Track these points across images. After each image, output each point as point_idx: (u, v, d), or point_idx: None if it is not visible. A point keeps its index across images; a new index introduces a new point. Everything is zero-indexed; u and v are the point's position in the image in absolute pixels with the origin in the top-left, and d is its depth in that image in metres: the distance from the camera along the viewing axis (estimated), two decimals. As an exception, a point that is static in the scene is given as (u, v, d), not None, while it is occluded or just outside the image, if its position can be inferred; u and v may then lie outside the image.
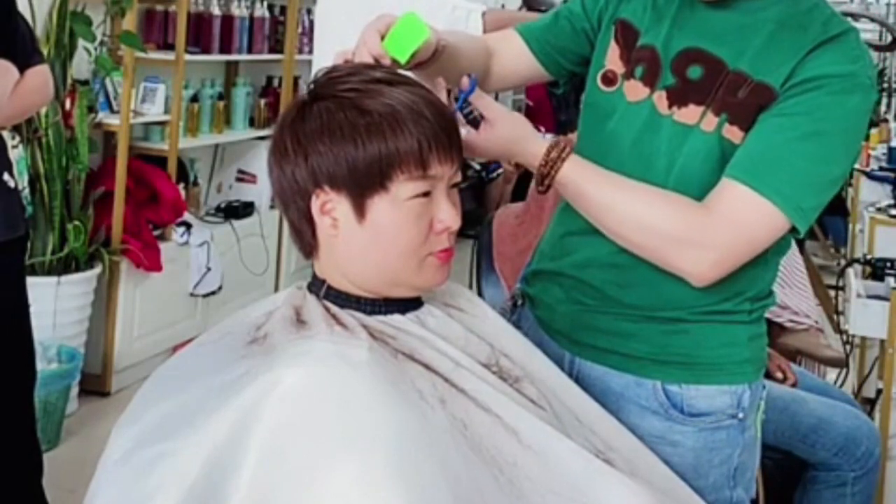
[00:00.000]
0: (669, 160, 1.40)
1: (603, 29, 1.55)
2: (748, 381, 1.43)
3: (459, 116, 1.32)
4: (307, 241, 1.24)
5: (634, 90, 1.46)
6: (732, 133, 1.37)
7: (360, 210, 1.18)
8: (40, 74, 2.32)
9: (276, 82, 4.94)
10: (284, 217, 1.26)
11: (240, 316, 1.29)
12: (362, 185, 1.17)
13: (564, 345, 1.49)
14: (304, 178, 1.19)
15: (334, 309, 1.23)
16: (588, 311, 1.47)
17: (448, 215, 1.21)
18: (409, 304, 1.27)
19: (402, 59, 1.29)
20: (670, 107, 1.42)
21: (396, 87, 1.20)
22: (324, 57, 2.55)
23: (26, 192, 2.41)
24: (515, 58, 1.63)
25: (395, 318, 1.24)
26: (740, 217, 1.32)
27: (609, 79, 1.50)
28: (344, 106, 1.18)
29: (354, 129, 1.17)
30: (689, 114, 1.40)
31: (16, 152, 2.37)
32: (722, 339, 1.43)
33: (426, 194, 1.20)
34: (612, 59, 1.51)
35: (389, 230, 1.19)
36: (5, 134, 2.33)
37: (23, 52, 2.26)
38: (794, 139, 1.32)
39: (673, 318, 1.42)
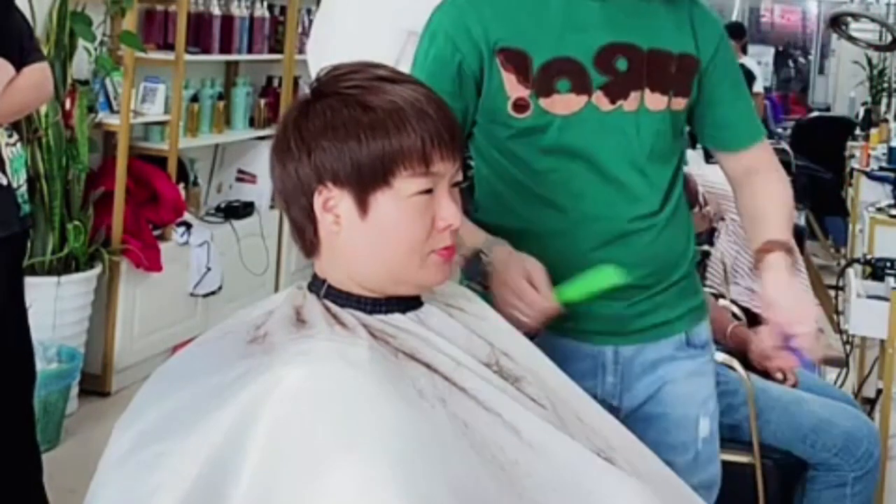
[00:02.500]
0: (637, 146, 1.56)
1: (486, 68, 1.55)
2: None
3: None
4: (309, 239, 1.24)
5: (565, 103, 1.53)
6: (678, 104, 1.59)
7: (363, 206, 1.19)
8: (38, 71, 2.31)
9: (276, 82, 4.94)
10: (286, 216, 1.26)
11: (240, 315, 1.29)
12: (365, 181, 1.18)
13: (601, 341, 1.60)
14: (307, 174, 1.19)
15: (334, 308, 1.22)
16: (627, 305, 1.58)
17: (450, 213, 1.22)
18: (409, 304, 1.27)
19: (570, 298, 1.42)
20: (613, 102, 1.54)
21: (399, 84, 1.21)
22: (327, 54, 2.55)
23: (22, 190, 2.40)
24: None
25: (396, 318, 1.24)
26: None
27: (521, 106, 1.54)
28: (347, 103, 1.19)
29: (358, 125, 1.17)
30: (633, 101, 1.55)
31: (13, 151, 2.36)
32: (699, 280, 1.73)
33: (428, 191, 1.20)
34: (513, 87, 1.54)
35: (392, 226, 1.19)
36: (0, 131, 2.33)
37: (19, 49, 2.25)
38: (743, 91, 1.71)
39: (684, 274, 1.64)
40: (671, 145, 1.61)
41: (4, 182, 2.28)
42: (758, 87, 7.42)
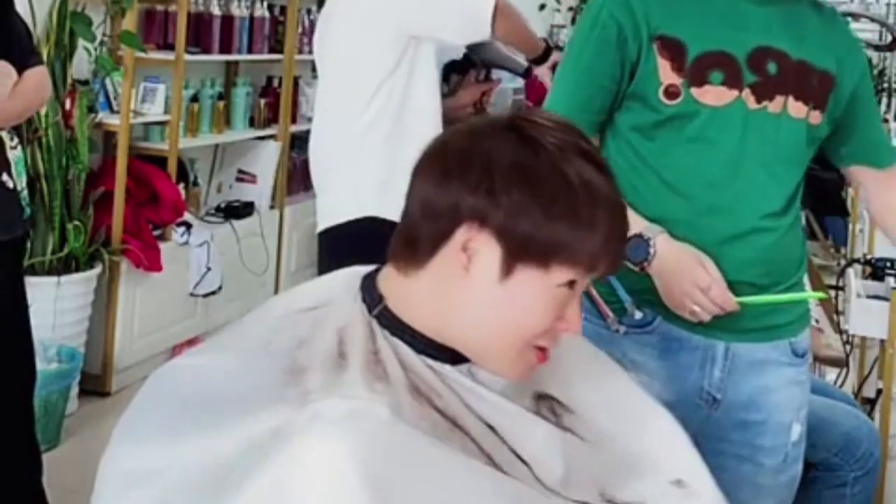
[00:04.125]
0: (774, 147, 1.62)
1: (643, 53, 1.61)
2: None
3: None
4: (419, 256, 1.11)
5: (717, 95, 1.59)
6: (815, 117, 1.65)
7: (507, 270, 1.08)
8: (38, 74, 2.31)
9: (276, 82, 4.94)
10: (407, 216, 1.14)
11: (286, 313, 1.18)
12: (525, 253, 1.08)
13: (713, 335, 1.63)
14: (469, 206, 1.07)
15: (381, 341, 1.11)
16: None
17: (577, 320, 1.13)
18: (461, 356, 1.15)
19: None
20: (759, 101, 1.60)
21: (598, 169, 1.11)
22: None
23: (25, 193, 2.41)
24: None
25: (445, 368, 1.14)
26: None
27: (672, 93, 1.60)
28: (547, 157, 1.08)
29: (554, 197, 1.07)
30: (778, 104, 1.62)
31: (14, 153, 2.37)
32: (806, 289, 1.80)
33: (571, 284, 1.11)
34: (666, 74, 1.60)
35: (525, 304, 1.09)
36: (4, 134, 2.33)
37: (20, 53, 2.26)
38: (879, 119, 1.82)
39: (797, 281, 1.70)
40: (803, 155, 1.68)
41: (10, 185, 2.29)
42: None
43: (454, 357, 1.14)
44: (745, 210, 1.61)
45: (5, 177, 2.26)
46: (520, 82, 6.99)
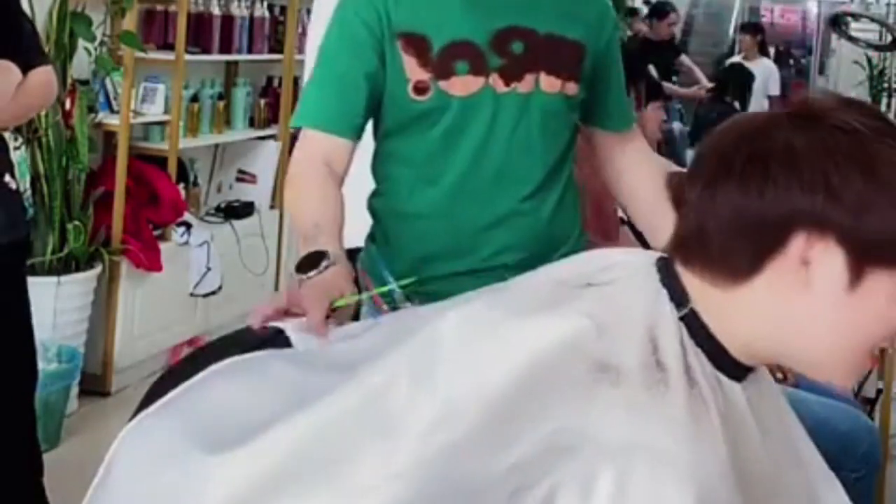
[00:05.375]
0: (529, 127, 1.61)
1: (387, 51, 1.60)
2: None
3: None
4: (740, 272, 0.98)
5: (464, 85, 1.58)
6: (570, 88, 1.65)
7: (857, 276, 0.95)
8: (43, 75, 2.31)
9: (276, 82, 4.94)
10: (703, 231, 1.00)
11: (558, 282, 1.06)
12: (878, 253, 0.94)
13: None
14: (807, 212, 0.94)
15: (691, 350, 0.99)
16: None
17: None
18: (746, 370, 1.05)
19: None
20: (507, 84, 1.59)
21: None
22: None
23: (28, 194, 2.41)
24: (349, 160, 1.65)
25: (732, 385, 1.02)
26: None
27: (421, 89, 1.59)
28: (879, 146, 0.96)
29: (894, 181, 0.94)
30: (528, 83, 1.60)
31: (17, 154, 2.37)
32: None
33: None
34: (413, 70, 1.59)
35: (879, 311, 0.96)
36: (7, 135, 2.33)
37: (26, 53, 2.26)
38: (622, 77, 1.80)
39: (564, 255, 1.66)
40: (563, 124, 1.67)
41: (13, 186, 2.29)
42: (773, 90, 7.44)
43: (739, 374, 1.03)
44: (500, 196, 1.61)
45: (8, 178, 2.26)
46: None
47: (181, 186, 4.14)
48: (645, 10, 7.89)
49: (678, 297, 1.01)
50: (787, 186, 0.95)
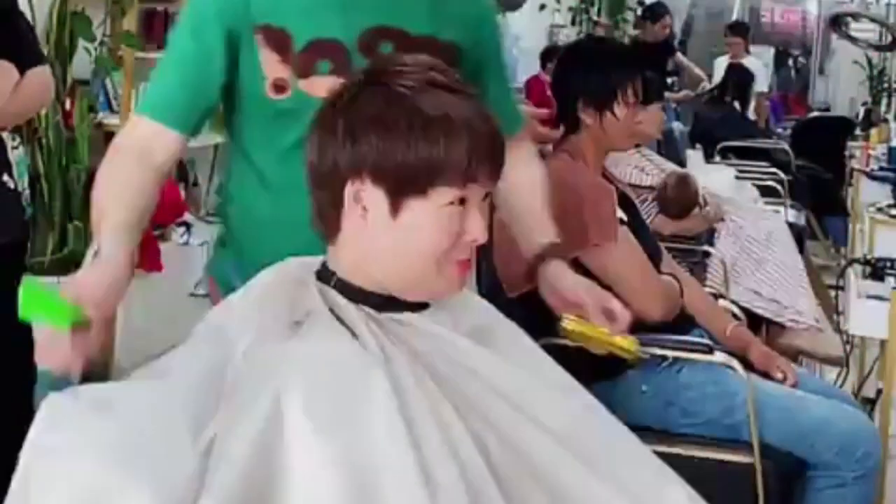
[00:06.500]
0: None
1: (244, 45, 1.50)
2: None
3: None
4: (331, 224, 1.24)
5: (325, 86, 1.44)
6: None
7: (395, 207, 1.19)
8: (40, 75, 2.31)
9: (276, 82, 4.94)
10: (310, 194, 1.26)
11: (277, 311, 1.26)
12: (404, 186, 1.18)
13: None
14: (346, 163, 1.19)
15: (336, 302, 1.23)
16: None
17: (478, 227, 1.22)
18: (418, 306, 1.27)
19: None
20: None
21: (454, 94, 1.21)
22: None
23: (27, 194, 2.41)
24: (173, 154, 1.57)
25: (409, 316, 1.25)
26: None
27: (279, 87, 1.50)
28: (401, 101, 1.18)
29: (410, 128, 1.17)
30: None
31: (16, 154, 2.37)
32: None
33: (462, 202, 1.21)
34: (272, 67, 1.49)
35: (421, 233, 1.20)
36: (5, 135, 2.33)
37: (23, 53, 2.26)
38: (507, 77, 1.74)
39: None
40: None
41: (11, 186, 2.29)
42: (761, 86, 7.43)
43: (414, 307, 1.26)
44: None
45: (6, 177, 2.26)
46: (520, 83, 6.98)
47: (181, 186, 4.14)
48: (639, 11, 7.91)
49: (324, 274, 1.27)
50: (332, 142, 1.20)
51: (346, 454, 1.06)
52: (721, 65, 7.49)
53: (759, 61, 7.99)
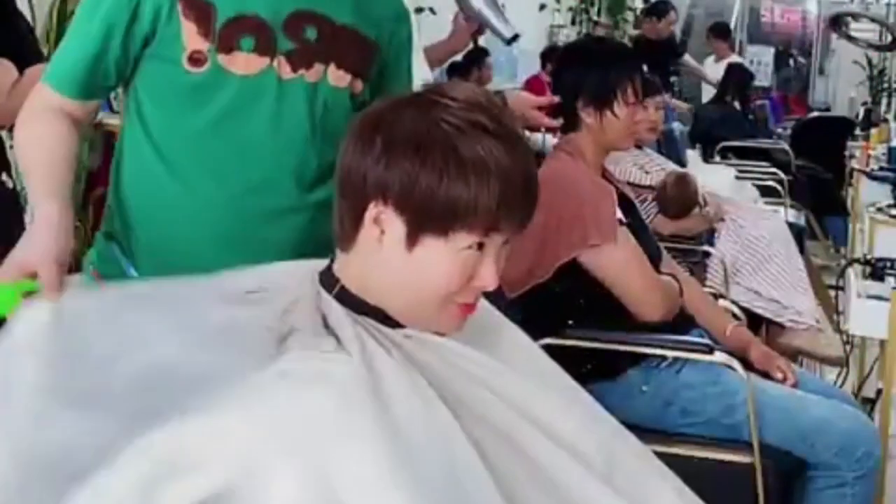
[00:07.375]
0: (311, 119, 1.52)
1: (163, 13, 1.46)
2: None
3: None
4: (347, 233, 1.21)
5: (246, 62, 1.46)
6: (357, 86, 1.56)
7: (412, 240, 1.17)
8: (40, 72, 2.31)
9: (275, 82, 4.93)
10: (335, 198, 1.24)
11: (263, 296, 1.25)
12: (425, 222, 1.16)
13: None
14: (374, 181, 1.16)
15: (354, 316, 1.22)
16: None
17: (491, 276, 1.20)
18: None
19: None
20: (294, 70, 1.50)
21: (496, 139, 1.17)
22: None
23: (25, 193, 2.40)
24: (82, 115, 1.57)
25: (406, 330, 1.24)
26: None
27: (197, 59, 1.46)
28: (444, 136, 1.15)
29: (444, 166, 1.14)
30: (316, 73, 1.51)
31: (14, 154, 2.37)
32: None
33: (480, 246, 1.18)
34: (192, 38, 1.46)
35: (432, 271, 1.18)
36: (3, 134, 2.33)
37: (22, 52, 2.26)
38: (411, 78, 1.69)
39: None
40: (342, 128, 1.47)
41: (12, 185, 2.29)
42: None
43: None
44: (282, 188, 1.51)
45: (5, 177, 2.26)
46: (520, 82, 7.00)
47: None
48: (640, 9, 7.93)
49: (326, 279, 1.25)
50: (368, 154, 1.16)
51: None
52: (710, 65, 7.55)
53: (746, 61, 8.07)
